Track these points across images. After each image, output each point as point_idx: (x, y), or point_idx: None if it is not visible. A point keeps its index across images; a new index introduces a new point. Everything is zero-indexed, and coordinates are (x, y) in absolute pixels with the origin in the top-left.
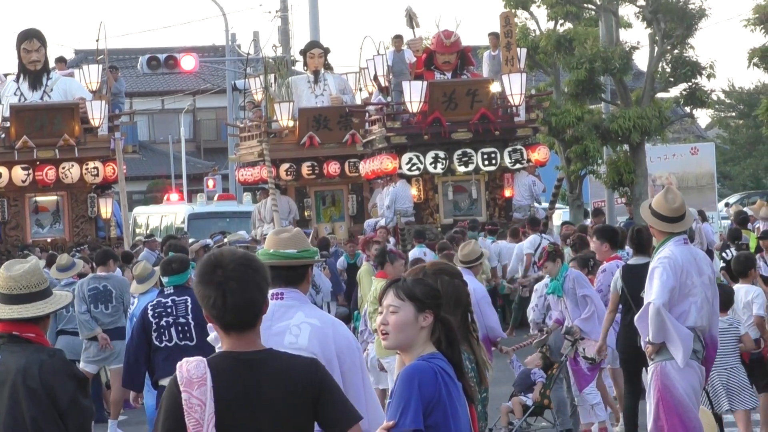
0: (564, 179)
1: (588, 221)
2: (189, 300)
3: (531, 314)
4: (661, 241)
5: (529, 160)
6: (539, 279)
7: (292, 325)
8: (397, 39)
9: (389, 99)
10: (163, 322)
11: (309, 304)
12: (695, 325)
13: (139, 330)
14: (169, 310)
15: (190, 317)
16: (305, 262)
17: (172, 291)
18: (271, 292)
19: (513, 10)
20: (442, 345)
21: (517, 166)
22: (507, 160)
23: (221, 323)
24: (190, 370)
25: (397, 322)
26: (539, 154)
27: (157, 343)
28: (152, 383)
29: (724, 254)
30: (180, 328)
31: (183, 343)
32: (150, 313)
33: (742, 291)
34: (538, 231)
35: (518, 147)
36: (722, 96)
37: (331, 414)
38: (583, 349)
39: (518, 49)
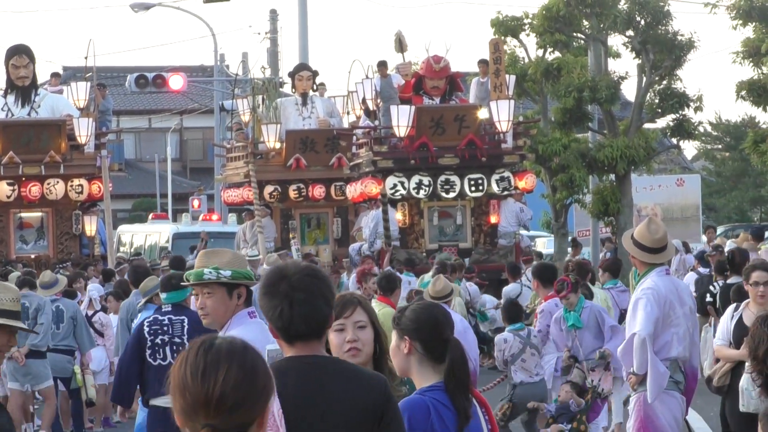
0: None
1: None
2: (186, 320)
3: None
4: (643, 272)
5: (516, 188)
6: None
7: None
8: (382, 66)
9: (377, 123)
10: (158, 340)
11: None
12: (678, 356)
13: (134, 345)
14: (165, 328)
15: (185, 338)
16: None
17: (170, 309)
18: (246, 311)
19: (502, 38)
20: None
21: (505, 192)
22: (495, 187)
23: (287, 334)
24: None
25: (390, 349)
26: (526, 182)
27: (150, 360)
28: (143, 401)
29: (711, 287)
30: (175, 347)
31: None
32: (146, 329)
33: None
34: (518, 280)
35: (506, 174)
36: (709, 128)
37: None
38: (598, 383)
39: (507, 76)
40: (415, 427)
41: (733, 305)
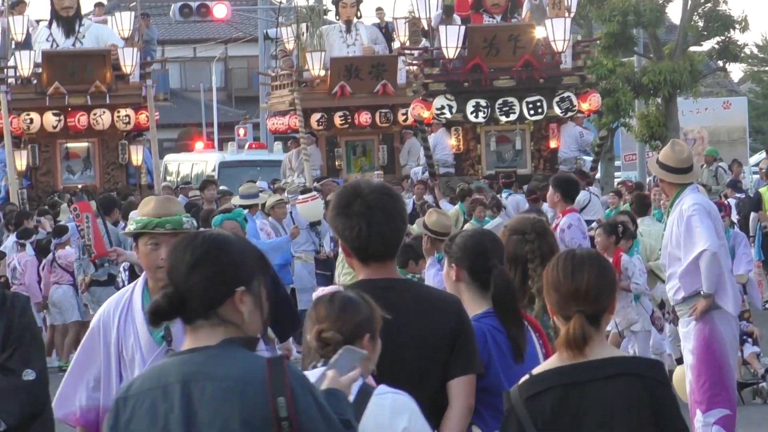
0: (608, 137)
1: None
2: None
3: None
4: (675, 193)
5: (580, 110)
6: None
7: None
8: None
9: (426, 44)
10: None
11: None
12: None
13: None
14: None
15: None
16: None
17: None
18: None
19: None
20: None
21: (568, 114)
22: (556, 109)
23: (363, 253)
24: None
25: (443, 276)
26: (590, 103)
27: None
28: None
29: None
30: None
31: None
32: None
33: None
34: (585, 185)
35: (566, 94)
36: (755, 50)
37: (458, 358)
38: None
39: None
40: None
41: None
